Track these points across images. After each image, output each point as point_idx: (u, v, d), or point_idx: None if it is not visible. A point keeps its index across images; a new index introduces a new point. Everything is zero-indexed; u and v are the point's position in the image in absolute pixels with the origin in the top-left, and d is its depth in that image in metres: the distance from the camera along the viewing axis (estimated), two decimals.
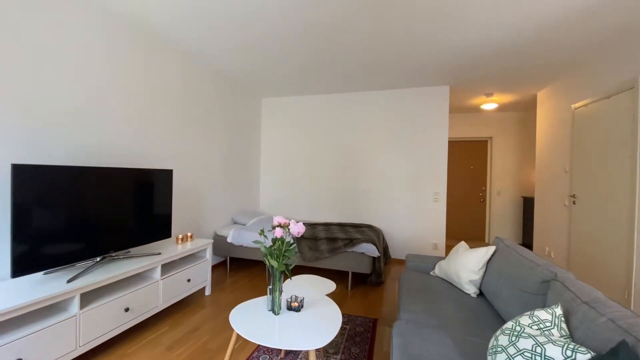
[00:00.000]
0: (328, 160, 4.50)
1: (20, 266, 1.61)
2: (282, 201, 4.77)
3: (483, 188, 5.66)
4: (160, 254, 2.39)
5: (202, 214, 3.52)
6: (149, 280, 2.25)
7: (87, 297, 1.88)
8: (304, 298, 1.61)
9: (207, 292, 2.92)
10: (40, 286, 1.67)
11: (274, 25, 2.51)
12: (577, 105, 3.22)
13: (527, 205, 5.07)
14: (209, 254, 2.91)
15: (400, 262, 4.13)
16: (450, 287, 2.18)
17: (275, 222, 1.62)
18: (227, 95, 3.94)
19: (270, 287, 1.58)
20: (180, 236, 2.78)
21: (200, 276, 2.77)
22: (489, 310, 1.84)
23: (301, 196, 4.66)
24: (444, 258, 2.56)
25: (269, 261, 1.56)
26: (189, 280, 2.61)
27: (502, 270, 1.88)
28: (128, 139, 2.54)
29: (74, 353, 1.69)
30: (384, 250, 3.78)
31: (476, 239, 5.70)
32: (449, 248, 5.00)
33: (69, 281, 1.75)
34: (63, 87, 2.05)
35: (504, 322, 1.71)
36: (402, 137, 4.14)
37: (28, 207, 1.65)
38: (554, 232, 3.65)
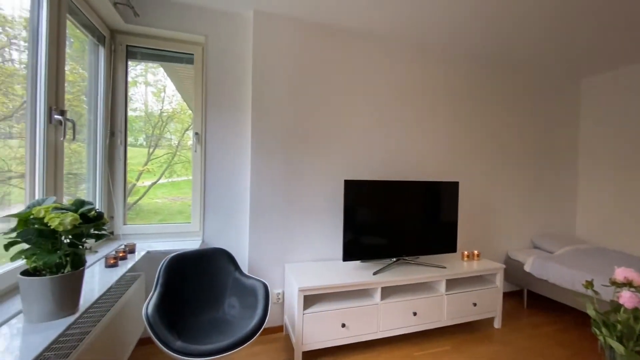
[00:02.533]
0: None
1: (348, 254, 2.20)
2: (620, 226, 3.14)
3: None
4: (445, 267, 2.36)
5: (491, 230, 3.12)
6: (434, 291, 2.30)
7: (386, 291, 2.22)
8: None
9: (497, 324, 2.51)
10: (357, 272, 2.19)
11: None
12: None
13: None
14: (499, 280, 2.50)
15: None
16: None
17: (620, 278, 1.01)
18: (524, 88, 3.22)
19: None
20: (465, 253, 2.61)
21: (488, 303, 2.44)
22: None
23: None
24: None
25: (603, 337, 1.00)
26: (474, 305, 2.38)
27: None
28: (415, 153, 2.75)
29: (375, 335, 2.07)
30: None
31: None
32: None
33: (374, 274, 2.16)
34: (360, 115, 2.60)
35: None
36: None
37: (352, 210, 2.23)
38: None
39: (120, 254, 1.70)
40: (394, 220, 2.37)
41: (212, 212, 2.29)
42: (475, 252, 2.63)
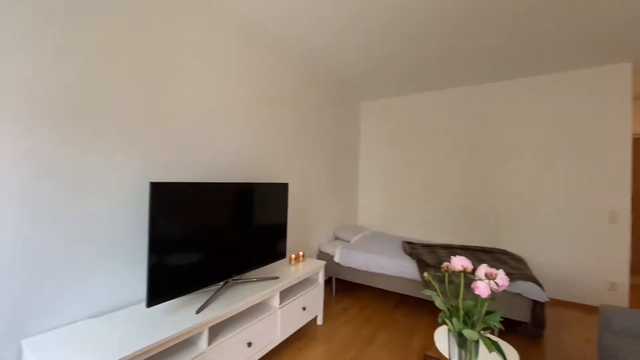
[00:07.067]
0: (445, 167, 3.80)
1: (156, 293, 1.47)
2: (384, 215, 4.24)
3: None
4: (278, 278, 2.14)
5: (307, 228, 3.27)
6: (268, 309, 2.01)
7: (215, 330, 1.68)
8: None
9: (319, 321, 2.58)
10: (170, 317, 1.52)
11: (398, 16, 2.05)
12: None
13: None
14: (321, 277, 2.58)
15: (554, 302, 3.11)
16: None
17: (458, 267, 1.11)
18: (329, 99, 3.66)
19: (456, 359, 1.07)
20: (293, 256, 2.53)
21: (313, 303, 2.45)
22: None
23: (408, 210, 4.06)
24: None
25: (451, 324, 1.06)
26: (304, 309, 2.31)
27: None
28: (239, 152, 2.40)
29: None
30: None
31: None
32: (634, 289, 3.54)
33: (198, 311, 1.57)
34: (171, 99, 1.98)
35: None
36: (556, 136, 3.16)
37: (163, 226, 1.52)
38: None
39: None
40: (220, 233, 1.87)
41: None
42: (301, 253, 2.61)
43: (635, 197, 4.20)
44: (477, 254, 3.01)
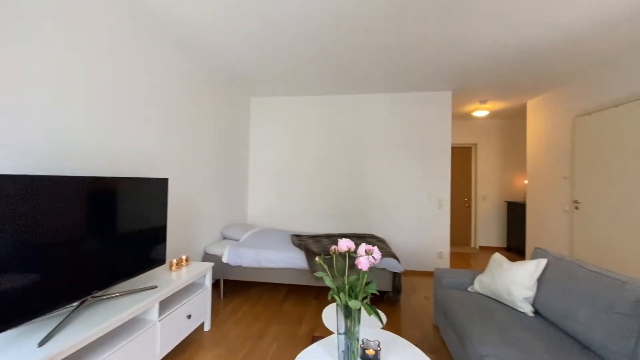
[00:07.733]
0: (326, 166, 4.19)
1: None
2: (273, 211, 4.33)
3: (468, 193, 5.78)
4: (156, 287, 1.87)
5: (192, 229, 2.98)
6: (143, 324, 1.73)
7: None
8: (380, 342, 1.27)
9: (207, 327, 2.41)
10: (2, 352, 1.12)
11: (284, 19, 2.17)
12: (579, 113, 3.33)
13: (512, 209, 5.24)
14: (208, 280, 2.41)
15: (407, 272, 3.93)
16: (503, 307, 1.99)
17: (344, 247, 1.27)
18: (217, 91, 3.45)
19: (343, 331, 1.22)
20: (174, 261, 2.25)
21: (200, 309, 2.27)
22: (562, 335, 1.66)
23: (295, 205, 4.27)
24: (480, 271, 2.39)
25: (339, 298, 1.20)
26: (189, 317, 2.11)
27: (568, 287, 1.73)
28: (104, 141, 1.98)
29: None
30: None
31: (462, 244, 5.77)
32: (453, 256, 4.84)
33: (41, 343, 1.21)
34: (26, 76, 1.49)
35: (586, 348, 1.54)
36: (405, 142, 3.99)
37: None
38: (552, 237, 3.74)
39: None
40: (70, 242, 1.48)
41: None
42: (184, 257, 2.35)
43: (453, 189, 5.78)
44: (353, 239, 3.47)
